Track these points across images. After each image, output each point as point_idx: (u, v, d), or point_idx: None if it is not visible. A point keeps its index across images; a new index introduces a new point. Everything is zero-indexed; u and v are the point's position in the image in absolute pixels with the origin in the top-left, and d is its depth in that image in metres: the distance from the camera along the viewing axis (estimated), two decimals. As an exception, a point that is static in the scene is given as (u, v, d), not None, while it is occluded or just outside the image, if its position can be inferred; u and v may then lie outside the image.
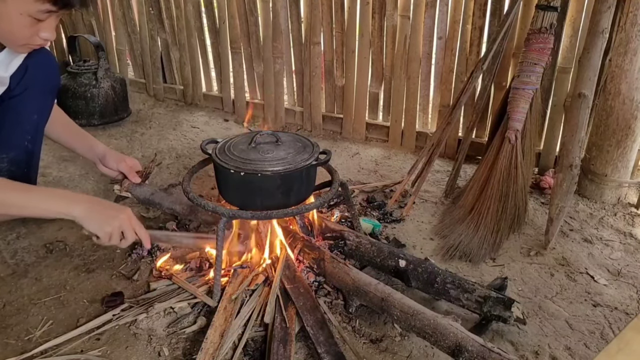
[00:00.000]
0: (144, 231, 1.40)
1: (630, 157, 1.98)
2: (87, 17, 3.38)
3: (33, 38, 1.32)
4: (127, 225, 1.35)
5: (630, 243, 1.80)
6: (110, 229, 1.32)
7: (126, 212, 1.36)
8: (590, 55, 1.72)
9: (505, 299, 1.32)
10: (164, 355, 1.27)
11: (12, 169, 1.62)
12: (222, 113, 3.09)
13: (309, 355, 1.28)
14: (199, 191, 2.12)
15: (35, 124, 1.66)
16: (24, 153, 1.66)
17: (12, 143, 1.62)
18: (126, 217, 1.35)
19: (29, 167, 1.70)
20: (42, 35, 1.32)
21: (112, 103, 2.82)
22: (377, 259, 1.51)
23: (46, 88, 1.67)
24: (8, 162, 1.62)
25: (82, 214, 1.30)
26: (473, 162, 2.36)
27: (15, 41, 1.33)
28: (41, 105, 1.67)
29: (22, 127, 1.64)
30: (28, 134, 1.65)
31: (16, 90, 1.59)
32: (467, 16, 2.28)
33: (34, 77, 1.61)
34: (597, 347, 1.34)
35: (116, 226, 1.33)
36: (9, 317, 1.39)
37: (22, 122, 1.63)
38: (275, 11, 2.66)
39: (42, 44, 1.36)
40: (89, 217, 1.30)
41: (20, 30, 1.28)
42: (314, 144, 1.53)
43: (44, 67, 1.64)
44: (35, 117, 1.66)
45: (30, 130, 1.66)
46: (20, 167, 1.65)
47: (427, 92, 2.53)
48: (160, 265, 1.56)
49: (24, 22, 1.27)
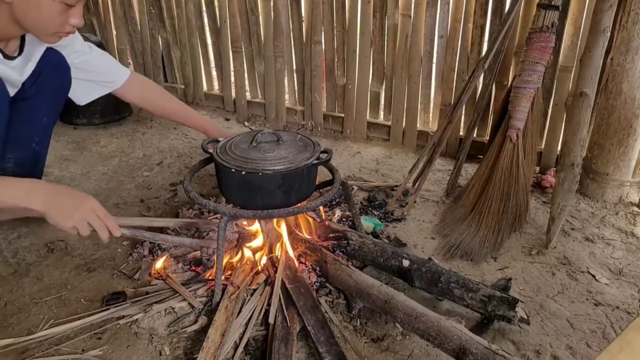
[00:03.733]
0: (112, 221, 1.33)
1: (631, 156, 1.98)
2: (88, 16, 3.38)
3: (64, 26, 1.33)
4: (92, 215, 1.29)
5: (632, 242, 1.80)
6: (71, 222, 1.26)
7: (88, 202, 1.29)
8: (592, 54, 1.71)
9: (510, 299, 1.32)
10: (165, 354, 1.27)
11: (17, 169, 1.61)
12: (223, 112, 3.09)
13: (310, 354, 1.28)
14: (200, 190, 2.12)
15: (44, 126, 1.67)
16: (30, 154, 1.66)
17: (20, 144, 1.62)
18: (89, 208, 1.28)
19: (34, 169, 1.69)
20: (71, 21, 1.33)
21: (113, 102, 2.82)
22: (380, 258, 1.51)
23: (58, 92, 1.68)
24: (14, 163, 1.61)
25: (42, 206, 1.24)
26: (474, 161, 2.36)
27: (46, 30, 1.33)
28: (51, 108, 1.68)
29: (32, 129, 1.64)
30: (36, 136, 1.65)
31: (29, 92, 1.58)
32: (469, 15, 2.27)
33: (47, 81, 1.61)
34: (598, 347, 1.33)
35: (78, 218, 1.26)
36: (10, 316, 1.39)
37: (31, 124, 1.63)
38: (276, 10, 2.66)
39: (71, 31, 1.37)
40: (49, 209, 1.24)
41: (51, 18, 1.29)
42: (315, 143, 1.52)
43: (57, 71, 1.64)
44: (45, 119, 1.66)
45: (39, 132, 1.66)
46: (25, 168, 1.64)
47: (428, 91, 2.53)
48: (158, 267, 1.55)
49: (55, 8, 1.27)
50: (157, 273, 1.53)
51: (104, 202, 2.00)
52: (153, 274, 1.54)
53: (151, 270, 1.55)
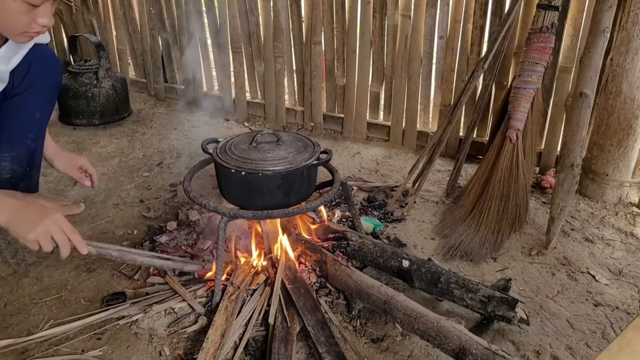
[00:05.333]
0: (77, 236, 1.26)
1: (631, 156, 1.98)
2: (88, 17, 3.38)
3: (31, 25, 1.30)
4: (56, 230, 1.22)
5: (632, 242, 1.80)
6: (34, 234, 1.19)
7: (52, 216, 1.23)
8: (592, 54, 1.71)
9: (510, 299, 1.32)
10: (165, 354, 1.27)
11: (14, 167, 1.61)
12: (223, 112, 3.09)
13: (310, 354, 1.28)
14: (200, 191, 2.12)
15: (38, 122, 1.66)
16: (26, 151, 1.65)
17: (15, 141, 1.61)
18: (52, 222, 1.22)
19: (31, 165, 1.69)
20: (39, 21, 1.31)
21: (113, 103, 2.82)
22: (380, 259, 1.51)
23: (49, 86, 1.67)
24: (10, 161, 1.61)
25: (5, 218, 1.20)
26: (474, 162, 2.36)
27: (13, 29, 1.32)
28: (44, 103, 1.67)
29: (25, 125, 1.62)
30: (31, 132, 1.64)
31: (19, 88, 1.58)
32: (468, 15, 2.27)
33: (37, 75, 1.60)
34: (598, 347, 1.33)
35: (41, 232, 1.20)
36: (10, 317, 1.39)
37: (24, 120, 1.62)
38: (276, 11, 2.66)
39: (40, 31, 1.35)
40: (11, 221, 1.20)
41: (16, 17, 1.27)
42: (315, 143, 1.52)
43: (47, 65, 1.64)
44: (38, 115, 1.64)
45: (32, 129, 1.64)
46: (22, 165, 1.64)
47: (428, 91, 2.53)
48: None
49: (19, 8, 1.26)
50: (156, 271, 1.54)
51: (103, 203, 2.01)
52: (152, 271, 1.54)
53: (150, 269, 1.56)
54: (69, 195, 2.06)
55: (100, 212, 1.95)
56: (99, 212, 1.95)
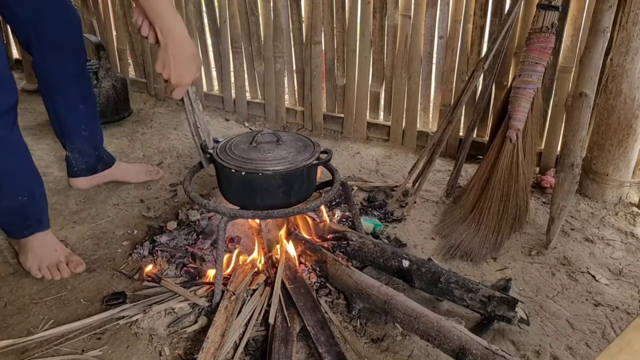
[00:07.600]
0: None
1: (631, 156, 1.98)
2: (88, 17, 3.38)
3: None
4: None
5: (632, 242, 1.80)
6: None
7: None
8: (592, 54, 1.71)
9: (510, 299, 1.32)
10: (165, 354, 1.27)
11: (85, 159, 2.03)
12: (223, 112, 3.09)
13: (310, 354, 1.29)
14: (200, 191, 2.12)
15: (84, 113, 1.94)
16: (87, 143, 1.99)
17: (74, 135, 1.96)
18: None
19: (96, 148, 2.05)
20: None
21: (113, 102, 2.82)
22: (380, 259, 1.51)
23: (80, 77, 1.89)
24: (78, 152, 2.00)
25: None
26: (474, 162, 2.36)
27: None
28: (82, 95, 1.93)
29: (76, 121, 1.94)
30: (82, 124, 1.95)
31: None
32: (468, 15, 2.27)
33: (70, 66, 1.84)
34: (598, 347, 1.33)
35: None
36: (9, 317, 1.39)
37: (75, 116, 1.93)
38: (276, 10, 2.66)
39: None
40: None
41: None
42: (315, 143, 1.52)
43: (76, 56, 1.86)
44: (82, 106, 1.91)
45: (83, 120, 1.95)
46: (90, 153, 2.03)
47: (428, 91, 2.53)
48: (148, 270, 1.51)
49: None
50: (149, 276, 1.49)
51: (103, 202, 2.01)
52: (145, 277, 1.50)
53: (142, 274, 1.52)
54: (69, 194, 2.06)
55: (101, 211, 1.95)
56: (99, 211, 1.95)
